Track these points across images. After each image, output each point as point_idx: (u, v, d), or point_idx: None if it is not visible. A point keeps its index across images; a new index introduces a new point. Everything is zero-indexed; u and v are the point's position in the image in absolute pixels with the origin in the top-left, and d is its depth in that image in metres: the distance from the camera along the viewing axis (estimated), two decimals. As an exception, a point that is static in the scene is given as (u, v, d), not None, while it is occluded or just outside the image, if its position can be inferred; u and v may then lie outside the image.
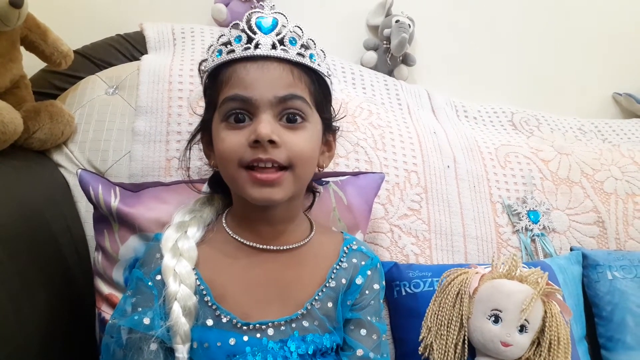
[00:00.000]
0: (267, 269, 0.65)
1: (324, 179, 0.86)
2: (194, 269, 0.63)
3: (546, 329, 0.75)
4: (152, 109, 0.94)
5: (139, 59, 1.04)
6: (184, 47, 1.08)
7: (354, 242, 0.70)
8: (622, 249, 1.06)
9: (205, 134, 0.69)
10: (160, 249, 0.64)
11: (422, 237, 0.98)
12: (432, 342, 0.77)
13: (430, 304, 0.80)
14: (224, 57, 0.62)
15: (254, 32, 0.62)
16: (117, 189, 0.77)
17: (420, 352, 0.79)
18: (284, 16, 0.63)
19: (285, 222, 0.67)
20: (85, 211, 0.91)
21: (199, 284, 0.62)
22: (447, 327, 0.77)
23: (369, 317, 0.66)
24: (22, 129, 0.86)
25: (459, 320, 0.76)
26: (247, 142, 0.60)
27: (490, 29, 1.44)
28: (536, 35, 1.47)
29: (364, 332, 0.65)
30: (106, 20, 1.17)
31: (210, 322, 0.61)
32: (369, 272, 0.68)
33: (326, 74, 0.67)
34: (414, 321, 0.82)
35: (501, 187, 1.09)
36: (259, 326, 0.61)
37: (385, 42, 1.31)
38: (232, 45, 0.62)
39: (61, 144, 0.95)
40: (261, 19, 0.62)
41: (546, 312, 0.76)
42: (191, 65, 1.00)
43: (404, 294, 0.88)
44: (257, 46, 0.61)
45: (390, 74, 1.32)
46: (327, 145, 0.71)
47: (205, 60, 0.67)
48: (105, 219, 0.77)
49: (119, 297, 0.75)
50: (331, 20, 1.34)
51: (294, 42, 0.62)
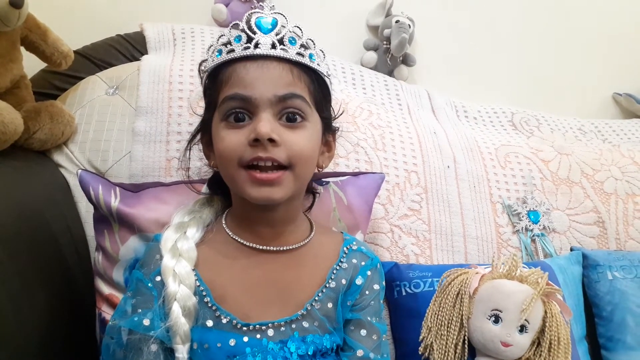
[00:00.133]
0: (267, 269, 0.65)
1: (324, 179, 0.86)
2: (194, 270, 0.63)
3: (546, 329, 0.75)
4: (152, 109, 0.94)
5: (139, 59, 1.04)
6: (184, 47, 1.08)
7: (354, 243, 0.70)
8: (622, 249, 1.06)
9: (205, 134, 0.69)
10: (159, 250, 0.64)
11: (422, 237, 0.98)
12: (432, 342, 0.77)
13: (430, 304, 0.80)
14: (224, 57, 0.62)
15: (254, 32, 0.62)
16: (118, 189, 0.77)
17: (420, 352, 0.79)
18: (284, 16, 0.64)
19: (285, 223, 0.67)
20: (85, 211, 0.91)
21: (198, 285, 0.62)
22: (447, 327, 0.77)
23: (369, 318, 0.66)
24: (22, 129, 0.86)
25: (459, 320, 0.76)
26: (246, 141, 0.60)
27: (490, 29, 1.44)
28: (536, 35, 1.47)
29: (364, 332, 0.65)
30: (106, 20, 1.17)
31: (210, 323, 0.61)
32: (369, 273, 0.68)
33: (326, 74, 0.67)
34: (414, 321, 0.82)
35: (501, 187, 1.09)
36: (259, 327, 0.61)
37: (385, 43, 1.31)
38: (232, 45, 0.62)
39: (61, 144, 0.95)
40: (261, 19, 0.63)
41: (546, 312, 0.76)
42: (191, 65, 1.00)
43: (404, 294, 0.88)
44: (256, 46, 0.61)
45: (390, 74, 1.32)
46: (327, 145, 0.71)
47: (205, 60, 0.67)
48: (105, 219, 0.77)
49: (119, 297, 0.76)
50: (331, 20, 1.34)
51: (294, 42, 0.62)
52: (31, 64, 0.96)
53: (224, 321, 0.61)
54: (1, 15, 0.80)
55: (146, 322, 0.59)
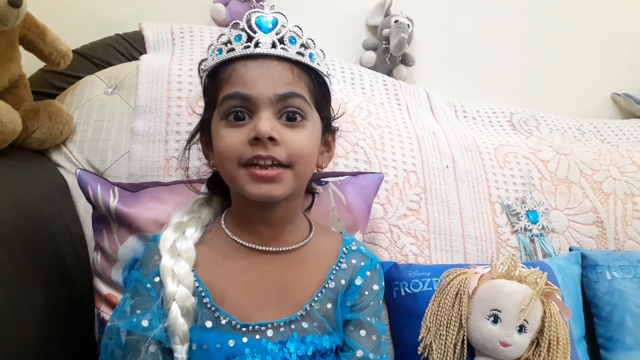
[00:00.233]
0: (266, 270, 0.65)
1: (323, 179, 0.86)
2: (193, 271, 0.63)
3: (545, 329, 0.75)
4: (151, 108, 0.94)
5: (138, 59, 1.04)
6: (182, 47, 1.07)
7: (354, 243, 0.70)
8: (621, 249, 1.07)
9: (204, 133, 0.69)
10: (158, 251, 0.63)
11: (421, 237, 0.98)
12: (431, 342, 0.77)
13: (429, 304, 0.80)
14: (224, 56, 0.62)
15: (254, 31, 0.62)
16: (116, 189, 0.77)
17: (419, 353, 0.79)
18: (284, 16, 0.64)
19: (284, 223, 0.67)
20: (84, 211, 0.90)
21: (197, 285, 0.62)
22: (447, 327, 0.77)
23: (368, 318, 0.66)
24: (20, 128, 0.86)
25: (458, 320, 0.76)
26: (246, 140, 0.60)
27: (489, 29, 1.44)
28: (535, 35, 1.47)
29: (363, 333, 0.65)
30: (105, 19, 1.17)
31: (209, 324, 0.61)
32: (369, 273, 0.68)
33: (326, 74, 0.67)
34: (413, 321, 0.82)
35: (500, 187, 1.09)
36: (258, 327, 0.61)
37: (384, 42, 1.31)
38: (232, 44, 0.62)
39: (60, 144, 0.95)
40: (261, 18, 0.63)
41: (545, 312, 0.76)
42: (190, 65, 1.00)
43: (403, 294, 0.88)
44: (257, 45, 0.61)
45: (389, 74, 1.32)
46: (327, 145, 0.71)
47: (205, 59, 0.67)
48: (104, 219, 0.77)
49: (118, 297, 0.75)
50: (330, 20, 1.34)
51: (294, 41, 0.63)
52: (30, 64, 0.95)
53: (223, 322, 0.61)
54: (0, 14, 0.80)
55: (145, 323, 0.59)
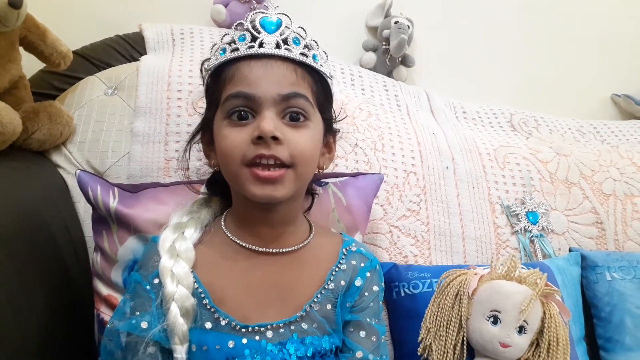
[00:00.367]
0: (266, 271, 0.65)
1: (323, 180, 0.86)
2: (192, 272, 0.63)
3: (545, 330, 0.75)
4: (151, 109, 0.94)
5: (138, 60, 1.04)
6: (183, 48, 1.07)
7: (353, 244, 0.70)
8: (620, 250, 1.07)
9: (205, 133, 0.69)
10: (157, 252, 0.63)
11: (421, 238, 0.98)
12: (431, 343, 0.77)
13: (429, 305, 0.80)
14: (228, 55, 0.63)
15: (258, 32, 0.62)
16: (116, 189, 0.77)
17: (419, 353, 0.79)
18: (288, 17, 0.64)
19: (285, 224, 0.67)
20: (84, 212, 0.90)
21: (197, 287, 0.62)
22: (446, 328, 0.76)
23: (368, 319, 0.66)
24: (20, 129, 0.86)
25: (458, 321, 0.76)
26: (250, 139, 0.60)
27: (489, 30, 1.44)
28: (535, 36, 1.47)
29: (363, 334, 0.65)
30: (105, 20, 1.17)
31: (208, 325, 0.61)
32: (369, 274, 0.68)
33: (328, 75, 0.67)
34: (413, 322, 0.82)
35: (500, 188, 1.09)
36: (257, 329, 0.61)
37: (384, 43, 1.31)
38: (236, 44, 0.62)
39: (60, 145, 0.95)
40: (265, 19, 0.63)
41: (545, 313, 0.76)
42: (190, 66, 1.00)
43: (403, 295, 0.88)
44: (261, 45, 0.61)
45: (389, 75, 1.32)
46: (328, 146, 0.72)
47: (208, 59, 0.67)
48: (103, 219, 0.77)
49: (118, 298, 0.75)
50: (330, 21, 1.33)
51: (298, 42, 0.63)
52: (30, 65, 0.95)
53: (223, 323, 0.61)
54: (0, 15, 0.80)
55: (144, 324, 0.59)
